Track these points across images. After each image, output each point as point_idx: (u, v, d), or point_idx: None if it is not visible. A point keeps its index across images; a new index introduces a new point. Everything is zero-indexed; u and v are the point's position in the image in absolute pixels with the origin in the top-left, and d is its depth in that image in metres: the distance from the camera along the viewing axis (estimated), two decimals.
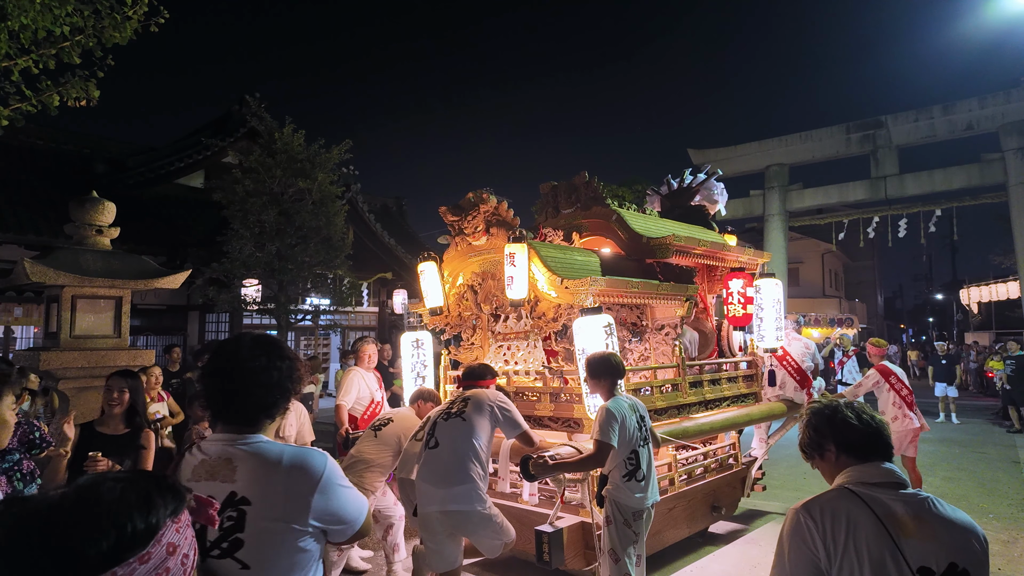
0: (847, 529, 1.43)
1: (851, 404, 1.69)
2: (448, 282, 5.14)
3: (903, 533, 1.40)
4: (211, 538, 1.42)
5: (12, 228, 11.76)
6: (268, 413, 1.57)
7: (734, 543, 5.08)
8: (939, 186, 17.34)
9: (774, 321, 5.21)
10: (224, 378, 1.55)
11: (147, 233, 13.19)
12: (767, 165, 19.98)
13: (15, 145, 13.70)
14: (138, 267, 4.24)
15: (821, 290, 31.50)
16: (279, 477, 1.45)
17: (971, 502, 6.45)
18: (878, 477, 1.52)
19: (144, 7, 5.09)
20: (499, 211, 4.59)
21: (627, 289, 4.40)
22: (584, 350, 3.87)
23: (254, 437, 1.53)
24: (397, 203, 23.03)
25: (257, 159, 11.67)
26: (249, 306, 12.07)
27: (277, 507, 1.43)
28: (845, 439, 1.62)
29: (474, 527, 3.32)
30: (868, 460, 1.58)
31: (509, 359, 5.10)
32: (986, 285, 21.30)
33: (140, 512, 0.83)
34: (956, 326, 34.80)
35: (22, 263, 3.77)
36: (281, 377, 1.57)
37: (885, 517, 1.42)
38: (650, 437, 3.47)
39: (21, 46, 4.56)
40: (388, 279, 16.64)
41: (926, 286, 48.67)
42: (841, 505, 1.48)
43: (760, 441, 5.82)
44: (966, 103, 17.26)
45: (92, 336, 4.01)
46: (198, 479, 1.49)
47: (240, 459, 1.48)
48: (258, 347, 1.58)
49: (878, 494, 1.47)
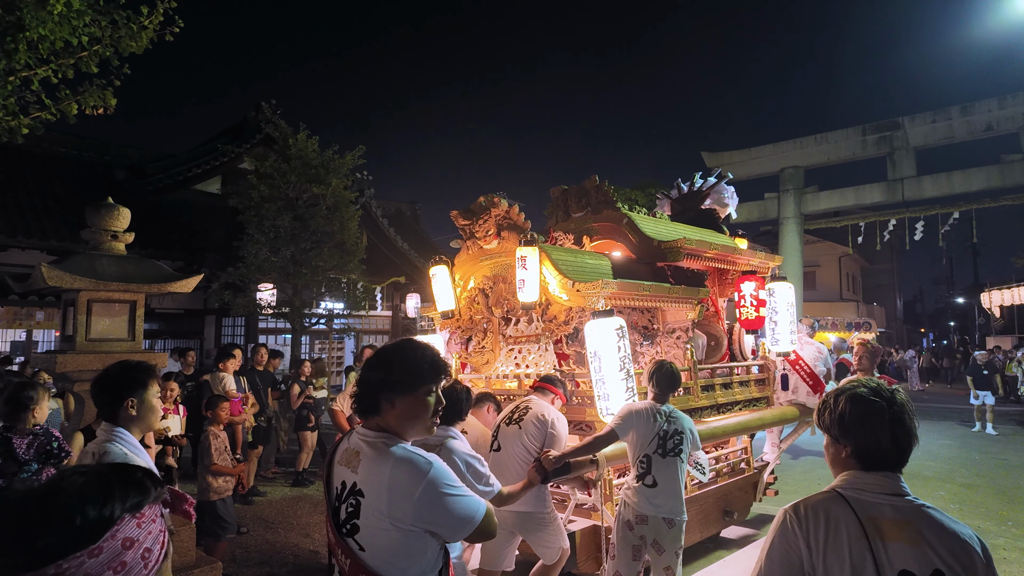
0: (828, 530, 1.43)
1: (893, 405, 1.51)
2: (459, 286, 5.15)
3: (886, 537, 1.39)
4: (341, 517, 1.61)
5: (36, 234, 12.01)
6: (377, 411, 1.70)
7: (746, 548, 5.03)
8: (958, 188, 17.08)
9: (788, 325, 5.18)
10: (362, 376, 1.72)
11: (165, 238, 13.40)
12: (781, 168, 19.82)
13: (39, 153, 14.01)
14: (152, 271, 4.32)
15: (838, 294, 31.13)
16: (384, 477, 1.56)
17: (990, 509, 6.33)
18: (875, 486, 1.48)
19: (160, 16, 5.20)
20: (510, 215, 4.62)
21: (639, 292, 4.40)
22: (596, 353, 3.87)
23: (380, 434, 1.65)
24: (411, 208, 23.18)
25: (272, 165, 11.83)
26: (264, 310, 12.21)
27: (382, 505, 1.54)
28: (863, 448, 1.52)
29: (535, 528, 3.44)
30: (874, 470, 1.52)
31: (520, 362, 5.11)
32: (1008, 288, 20.91)
33: (94, 505, 0.82)
34: (978, 330, 34.18)
35: (39, 267, 3.86)
36: (399, 374, 1.69)
37: (867, 520, 1.42)
38: (677, 452, 3.39)
39: (40, 56, 4.68)
40: (401, 283, 16.75)
41: (946, 289, 47.91)
42: (827, 506, 1.48)
43: (772, 445, 5.76)
44: (985, 103, 16.99)
45: (107, 339, 4.09)
46: (341, 463, 1.68)
47: (364, 453, 1.62)
48: (389, 351, 1.74)
49: (867, 498, 1.46)
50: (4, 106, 4.70)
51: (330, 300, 13.74)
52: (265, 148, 14.43)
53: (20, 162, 13.47)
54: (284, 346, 14.61)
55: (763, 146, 20.51)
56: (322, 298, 13.40)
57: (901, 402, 1.52)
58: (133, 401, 2.13)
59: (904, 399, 1.54)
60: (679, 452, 3.40)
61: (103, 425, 2.14)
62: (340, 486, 1.65)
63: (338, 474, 1.69)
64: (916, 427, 1.53)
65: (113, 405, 2.13)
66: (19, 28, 4.28)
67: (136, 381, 2.15)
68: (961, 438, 11.00)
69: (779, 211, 19.94)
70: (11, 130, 4.86)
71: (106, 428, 2.12)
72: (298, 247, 11.86)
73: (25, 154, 13.56)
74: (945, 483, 7.48)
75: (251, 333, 14.91)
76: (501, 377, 4.95)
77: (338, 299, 13.55)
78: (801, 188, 19.73)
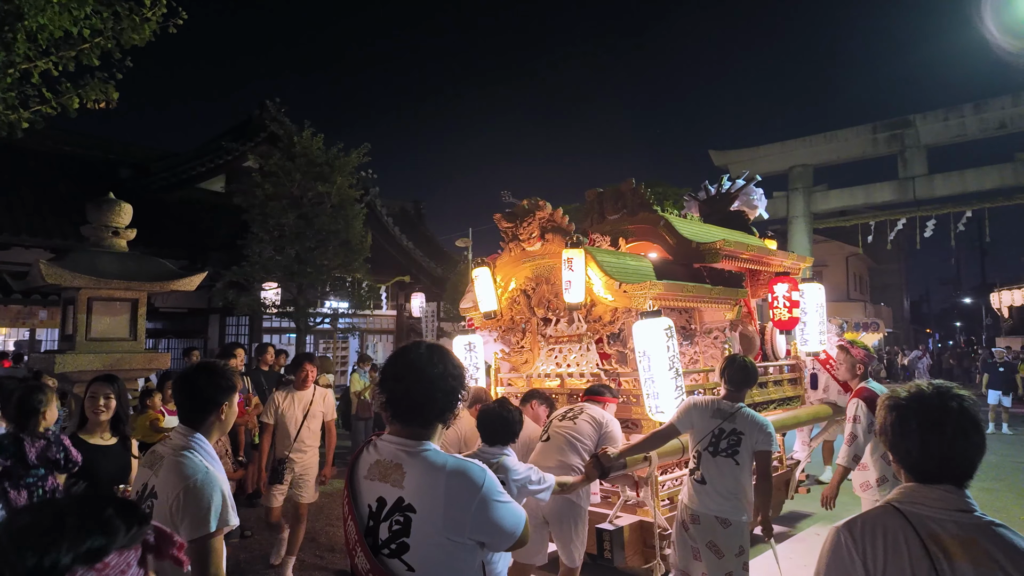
0: (887, 549, 1.33)
1: (946, 412, 1.38)
2: (500, 287, 5.28)
3: (951, 556, 1.27)
4: (382, 536, 1.51)
5: (39, 233, 11.94)
6: (442, 418, 1.63)
7: (780, 544, 4.93)
8: (970, 186, 16.86)
9: (817, 325, 5.35)
10: (407, 383, 1.61)
11: (170, 236, 13.32)
12: (790, 166, 19.63)
13: (42, 151, 13.95)
14: (154, 269, 4.21)
15: (846, 293, 30.90)
16: (440, 490, 1.48)
17: (1011, 515, 6.17)
18: (935, 501, 1.35)
19: (163, 8, 5.08)
20: (554, 218, 4.73)
21: (681, 293, 4.55)
22: (644, 352, 4.01)
23: (424, 444, 1.57)
24: (415, 206, 23.06)
25: (276, 163, 11.72)
26: (269, 309, 12.12)
27: (438, 519, 1.46)
28: (913, 462, 1.42)
29: (566, 517, 3.47)
30: (931, 483, 1.39)
31: (560, 362, 5.19)
32: (1018, 288, 20.67)
33: (32, 554, 0.67)
34: (986, 331, 33.90)
35: (38, 264, 3.75)
36: (456, 384, 1.63)
37: (929, 538, 1.30)
38: (731, 454, 3.29)
39: (40, 48, 4.57)
40: (406, 282, 16.62)
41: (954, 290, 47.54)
42: (884, 523, 1.36)
43: (803, 444, 5.77)
44: (998, 101, 16.77)
45: (108, 339, 3.97)
46: (372, 478, 1.58)
47: (409, 465, 1.53)
48: (435, 355, 1.64)
49: (928, 513, 1.34)
50: (4, 100, 4.59)
51: (335, 299, 13.63)
52: (270, 146, 14.33)
53: (24, 160, 13.40)
54: (289, 345, 14.51)
55: (771, 144, 20.33)
56: (327, 297, 13.30)
57: (946, 407, 1.37)
58: (224, 408, 2.05)
59: (952, 403, 1.38)
60: (734, 454, 3.26)
61: (179, 428, 2.02)
62: (376, 503, 1.54)
63: (370, 490, 1.57)
64: (979, 434, 1.37)
65: (201, 413, 2.02)
66: (17, 17, 4.16)
67: (227, 388, 2.06)
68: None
69: (788, 210, 19.75)
70: (11, 124, 4.73)
71: (183, 431, 1.99)
72: (303, 246, 11.75)
73: (29, 152, 13.50)
74: None
75: (255, 332, 14.82)
76: (541, 376, 5.10)
77: (343, 298, 13.44)
78: (810, 187, 19.54)
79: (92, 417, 3.07)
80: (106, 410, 3.05)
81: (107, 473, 2.97)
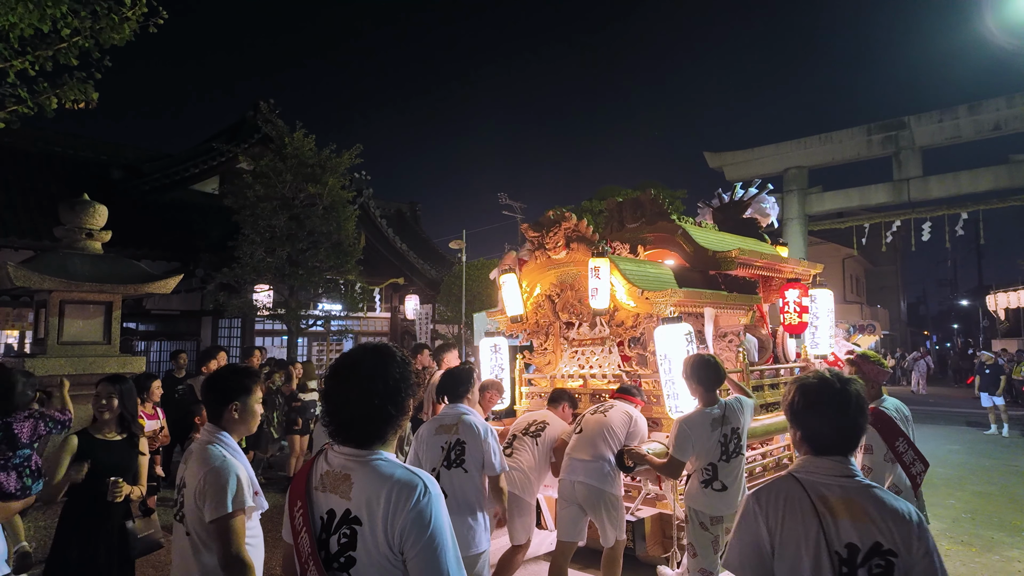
0: (785, 510, 1.59)
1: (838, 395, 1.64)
2: (526, 292, 5.58)
3: (834, 514, 1.53)
4: (332, 550, 1.45)
5: (28, 234, 11.85)
6: (390, 424, 1.53)
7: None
8: (965, 188, 16.79)
9: (827, 329, 5.65)
10: (344, 395, 1.53)
11: (161, 238, 13.24)
12: (785, 168, 19.55)
13: (34, 152, 13.87)
14: (129, 271, 4.12)
15: (842, 296, 30.85)
16: (382, 501, 1.40)
17: (1004, 519, 6.11)
18: (826, 469, 1.62)
19: (143, 7, 5.01)
20: (579, 228, 4.97)
21: (700, 299, 4.80)
22: (666, 356, 4.26)
23: (376, 453, 1.50)
24: (411, 208, 22.98)
25: (268, 163, 11.64)
26: (260, 311, 12.03)
27: (379, 533, 1.39)
28: (812, 435, 1.67)
29: (603, 506, 3.67)
30: (825, 455, 1.64)
31: (583, 363, 5.45)
32: (1014, 291, 20.63)
33: None
34: (982, 333, 33.88)
35: (6, 267, 3.67)
36: (398, 385, 1.53)
37: (818, 499, 1.56)
38: (739, 451, 3.49)
39: (14, 48, 4.48)
40: (400, 284, 16.55)
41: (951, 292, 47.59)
42: (783, 489, 1.63)
43: None
44: (993, 102, 16.72)
45: (81, 343, 3.88)
46: (323, 489, 1.52)
47: (357, 475, 1.47)
48: (371, 360, 1.55)
49: (819, 480, 1.60)
50: None
51: (327, 301, 13.54)
52: (263, 148, 14.26)
53: (14, 161, 13.32)
54: (281, 348, 14.42)
55: (766, 146, 20.24)
56: (319, 299, 13.21)
57: (846, 392, 1.65)
58: (237, 405, 2.21)
59: (851, 389, 1.65)
60: (740, 450, 3.48)
61: (207, 426, 2.22)
62: (327, 515, 1.48)
63: (321, 502, 1.50)
64: (860, 415, 1.65)
65: (219, 408, 2.20)
66: None
67: (242, 386, 2.23)
68: (970, 443, 10.76)
69: (783, 212, 19.63)
70: None
71: (210, 429, 2.19)
72: (294, 247, 11.67)
73: (19, 153, 13.42)
74: (956, 491, 7.25)
75: (247, 335, 14.72)
76: (564, 377, 5.39)
77: (336, 300, 13.35)
78: (805, 189, 19.45)
79: (98, 416, 3.20)
80: (109, 409, 3.16)
81: (105, 465, 3.05)
